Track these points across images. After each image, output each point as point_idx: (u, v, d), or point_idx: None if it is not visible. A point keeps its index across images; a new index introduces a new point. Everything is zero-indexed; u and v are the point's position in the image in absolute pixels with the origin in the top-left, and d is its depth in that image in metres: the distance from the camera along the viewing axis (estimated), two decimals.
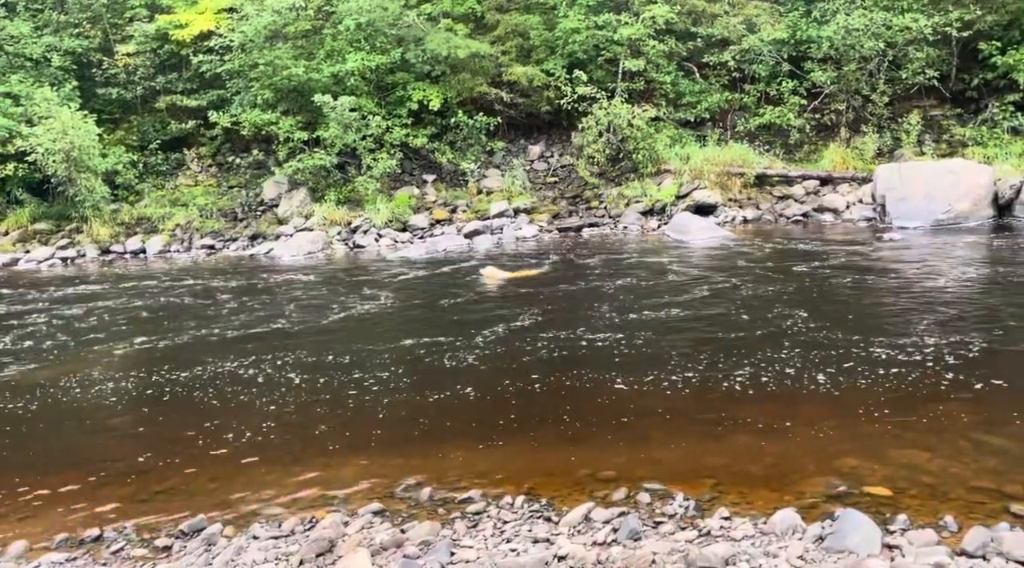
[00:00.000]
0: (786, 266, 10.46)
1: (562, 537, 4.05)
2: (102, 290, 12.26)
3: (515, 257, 13.15)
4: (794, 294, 8.83)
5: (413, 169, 18.31)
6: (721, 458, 4.94)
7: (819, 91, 17.15)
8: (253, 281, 12.29)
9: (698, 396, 5.98)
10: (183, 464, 5.40)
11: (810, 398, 5.76)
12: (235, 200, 18.06)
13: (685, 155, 16.51)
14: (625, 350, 7.15)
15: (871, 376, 6.01)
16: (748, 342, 7.10)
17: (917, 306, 7.99)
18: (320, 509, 4.61)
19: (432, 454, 5.33)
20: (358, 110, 16.71)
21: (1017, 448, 4.69)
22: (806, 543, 3.73)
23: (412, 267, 12.70)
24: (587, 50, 17.70)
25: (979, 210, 13.06)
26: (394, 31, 17.55)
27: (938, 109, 17.23)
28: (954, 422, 5.11)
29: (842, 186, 15.64)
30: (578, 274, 10.97)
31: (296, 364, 7.42)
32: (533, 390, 6.32)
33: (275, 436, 5.79)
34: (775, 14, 18.35)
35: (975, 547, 3.49)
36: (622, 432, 5.44)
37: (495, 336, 7.90)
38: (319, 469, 5.21)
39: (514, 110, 18.32)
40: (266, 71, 17.18)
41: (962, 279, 9.22)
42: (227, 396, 6.71)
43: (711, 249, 12.54)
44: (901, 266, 10.34)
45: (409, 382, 6.73)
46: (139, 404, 6.82)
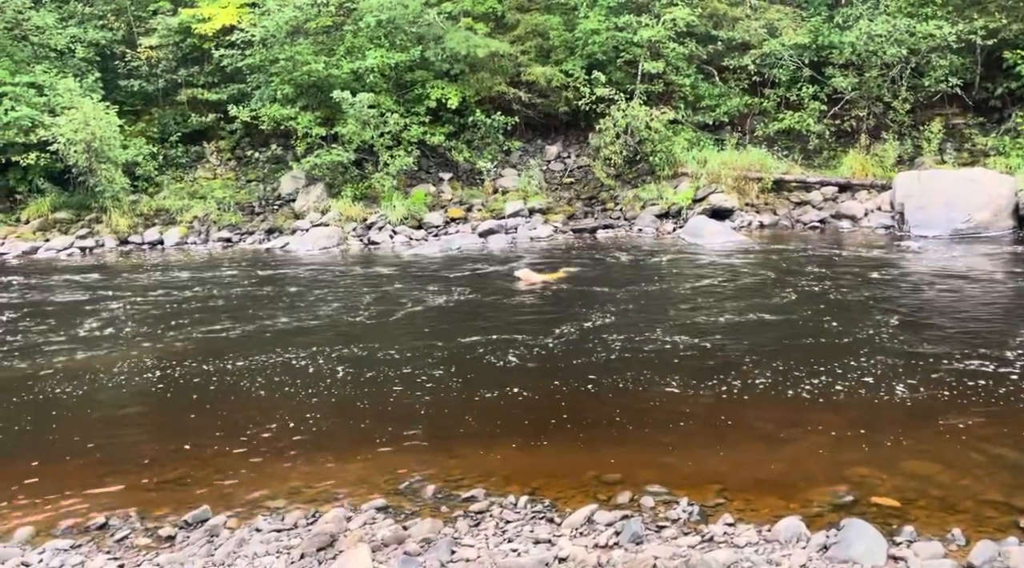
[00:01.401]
0: (800, 272, 10.37)
1: (564, 539, 4.03)
2: (119, 281, 12.37)
3: (533, 257, 13.13)
4: (807, 301, 8.75)
5: (430, 167, 18.33)
6: (728, 464, 4.90)
7: (840, 97, 16.99)
8: (268, 275, 12.35)
9: (708, 401, 5.94)
10: (191, 455, 5.43)
11: (822, 406, 5.70)
12: (253, 194, 18.16)
13: (702, 158, 16.42)
14: (638, 354, 7.12)
15: (885, 385, 5.94)
16: (761, 348, 7.05)
17: (934, 316, 7.90)
18: (324, 504, 4.62)
19: (438, 452, 5.33)
20: (376, 107, 16.75)
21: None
22: (810, 552, 3.69)
23: (426, 265, 12.72)
24: (606, 51, 17.64)
25: (999, 220, 12.89)
26: (414, 29, 17.58)
27: (960, 117, 17.03)
28: (968, 435, 5.04)
29: (861, 193, 15.50)
30: (595, 277, 10.93)
31: (308, 360, 7.44)
32: (543, 391, 6.31)
33: (283, 430, 5.80)
34: (797, 19, 18.22)
35: (982, 561, 3.44)
36: (629, 435, 5.41)
37: (509, 337, 7.88)
38: (325, 464, 5.22)
39: (532, 110, 18.30)
40: (286, 66, 17.26)
41: (980, 290, 9.10)
42: (237, 390, 6.75)
43: (726, 253, 12.46)
44: (918, 275, 10.22)
45: (419, 380, 6.73)
46: (150, 395, 6.87)
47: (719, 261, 11.86)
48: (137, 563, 4.02)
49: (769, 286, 9.65)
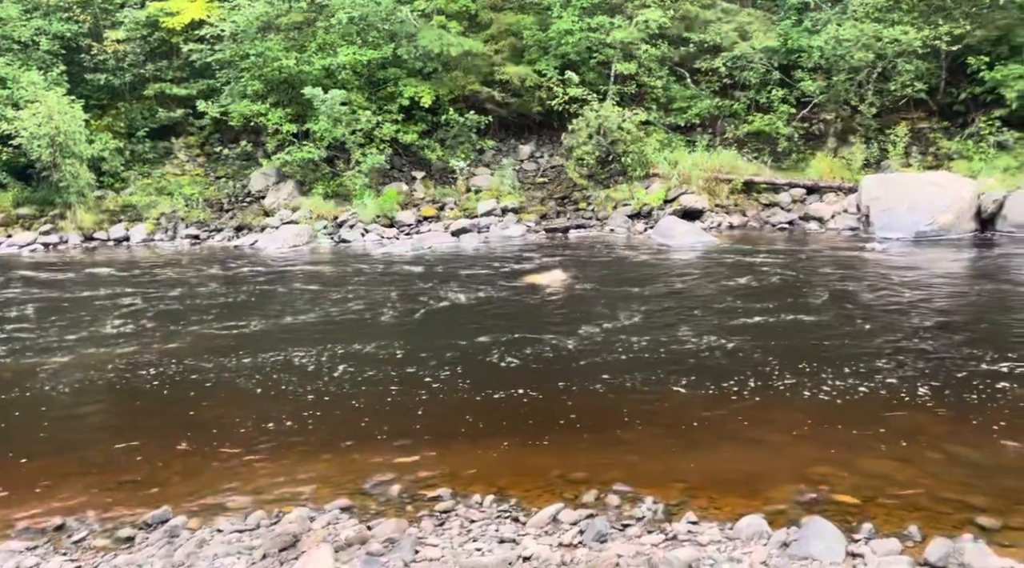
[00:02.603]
0: (767, 274, 10.49)
1: (528, 538, 4.03)
2: (83, 278, 12.15)
3: (509, 257, 13.13)
4: (772, 302, 8.85)
5: (402, 165, 18.26)
6: (693, 463, 4.94)
7: (808, 100, 17.22)
8: (237, 273, 12.21)
9: (675, 400, 5.98)
10: (151, 456, 5.35)
11: (786, 405, 5.77)
12: (222, 191, 17.95)
13: (674, 160, 16.53)
14: (606, 354, 7.14)
15: (847, 385, 6.03)
16: (726, 348, 7.11)
17: (895, 317, 8.03)
18: (288, 504, 4.58)
19: (405, 452, 5.30)
20: (348, 104, 16.64)
21: (987, 461, 4.71)
22: (771, 549, 3.73)
23: (397, 264, 12.66)
24: (580, 52, 17.71)
25: (962, 223, 13.15)
26: (387, 26, 17.49)
27: (925, 122, 17.35)
28: (927, 433, 5.13)
29: (828, 195, 15.72)
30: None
31: (276, 360, 7.36)
32: (511, 392, 6.30)
33: (249, 430, 5.74)
34: (767, 22, 18.44)
35: (937, 558, 3.50)
36: (596, 434, 5.43)
37: (477, 338, 7.87)
38: (290, 464, 5.17)
39: (505, 109, 18.31)
40: (256, 62, 17.09)
41: (941, 292, 9.27)
42: (203, 390, 6.66)
43: (695, 254, 12.57)
44: (880, 277, 10.39)
45: (388, 381, 6.70)
46: (113, 395, 6.76)
47: (689, 262, 11.96)
48: (94, 565, 3.95)
49: (736, 287, 9.75)
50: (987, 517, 3.98)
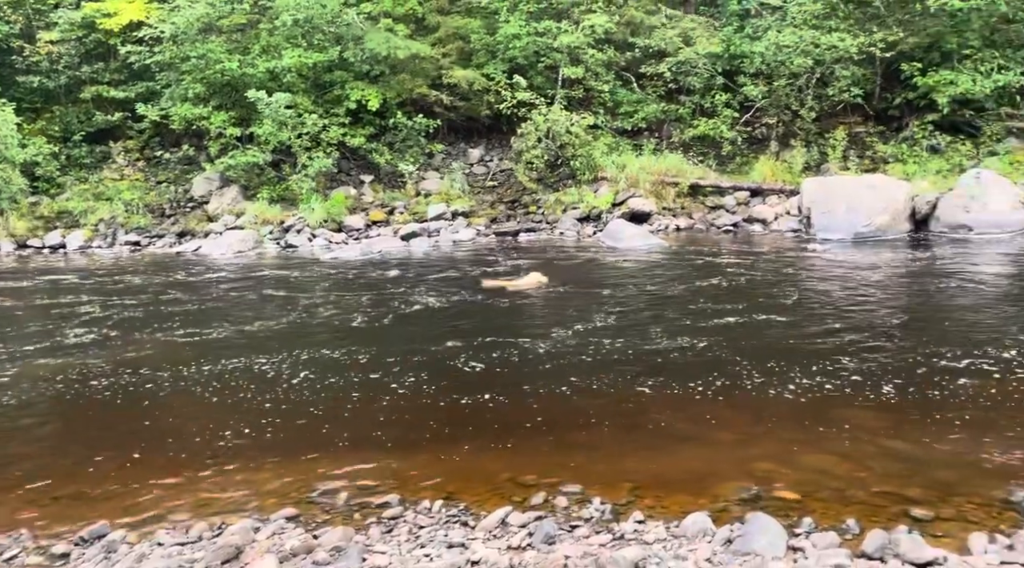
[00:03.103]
0: (712, 275, 10.68)
1: (477, 542, 4.02)
2: (15, 286, 11.72)
3: (461, 261, 13.10)
4: (716, 302, 9.02)
5: (350, 169, 18.09)
6: (641, 462, 4.99)
7: (751, 105, 17.62)
8: (180, 280, 11.93)
9: (623, 401, 6.04)
10: (88, 469, 5.18)
11: (729, 404, 5.87)
12: (163, 196, 17.53)
13: (622, 163, 16.73)
14: (554, 357, 7.18)
15: (788, 382, 6.17)
16: (672, 349, 7.21)
17: (835, 316, 8.25)
18: (231, 515, 4.48)
19: (353, 459, 5.24)
20: (294, 107, 16.43)
21: (921, 453, 4.87)
22: (715, 546, 3.79)
23: (346, 268, 12.52)
24: (527, 56, 17.81)
25: (897, 224, 13.59)
26: (332, 29, 17.32)
27: (862, 126, 17.91)
28: (864, 428, 5.27)
29: (771, 198, 16.09)
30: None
31: (219, 369, 7.21)
32: (462, 396, 6.28)
33: (191, 441, 5.60)
34: (710, 28, 18.81)
35: (873, 549, 3.60)
36: (546, 437, 5.45)
37: (427, 343, 7.83)
38: (236, 474, 5.06)
39: (454, 113, 18.30)
40: (198, 64, 16.74)
41: (879, 291, 9.57)
42: (142, 401, 6.48)
43: (644, 257, 12.73)
44: (820, 276, 10.67)
45: (335, 388, 6.61)
46: (51, 408, 6.52)
47: (639, 265, 12.10)
48: None
49: (682, 289, 9.90)
50: (921, 509, 4.11)
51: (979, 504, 4.17)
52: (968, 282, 9.74)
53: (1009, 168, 15.43)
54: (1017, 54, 16.31)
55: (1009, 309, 8.33)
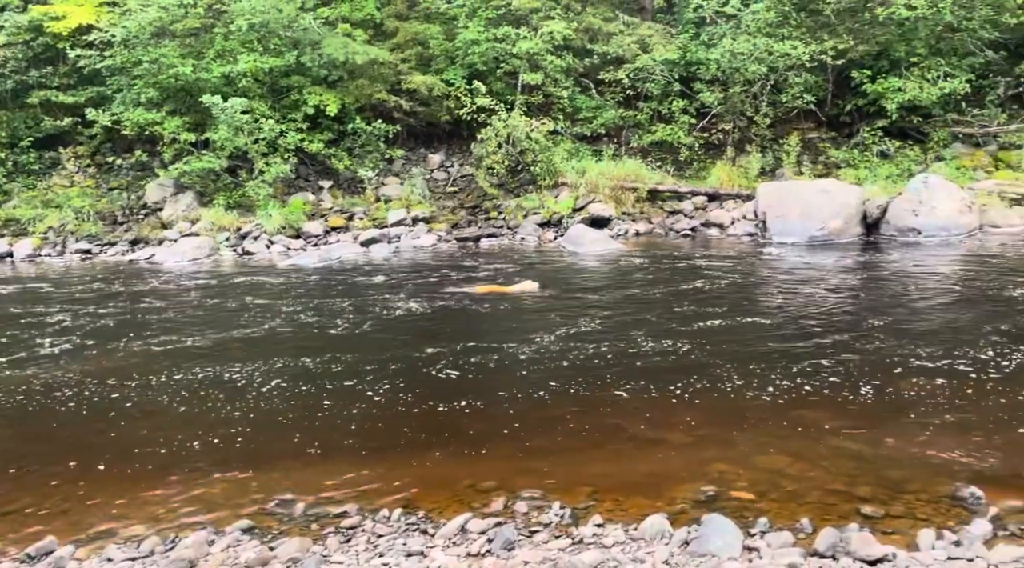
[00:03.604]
0: (670, 279, 10.81)
1: (436, 550, 4.00)
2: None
3: (423, 267, 13.04)
4: (674, 305, 9.12)
5: (309, 175, 17.90)
6: (600, 466, 5.02)
7: (707, 111, 17.88)
8: (133, 288, 11.67)
9: (582, 406, 6.06)
10: (39, 483, 5.04)
11: (686, 406, 5.94)
12: (115, 203, 17.14)
13: (581, 169, 16.84)
14: (512, 364, 7.18)
15: (747, 385, 6.26)
16: (630, 352, 7.27)
17: (787, 318, 8.41)
18: (185, 528, 4.40)
19: (311, 469, 5.18)
20: (250, 113, 16.20)
21: (871, 452, 4.98)
22: (672, 548, 3.83)
23: (304, 275, 12.38)
24: (487, 62, 17.84)
25: (850, 228, 13.90)
26: (289, 34, 17.14)
27: (815, 132, 18.31)
28: (816, 428, 5.38)
29: (728, 203, 16.33)
30: (463, 285, 10.97)
31: (172, 379, 7.07)
32: (420, 404, 6.25)
33: (144, 452, 5.48)
34: (667, 35, 19.05)
35: (826, 547, 3.68)
36: (508, 443, 5.44)
37: (386, 350, 7.78)
38: (189, 486, 4.97)
39: (414, 118, 18.24)
40: (150, 69, 16.42)
41: (832, 293, 9.77)
42: (90, 412, 6.32)
43: (603, 261, 12.82)
44: (775, 280, 10.87)
45: (292, 397, 6.53)
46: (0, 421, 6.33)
47: (598, 269, 12.18)
48: None
49: (641, 292, 9.99)
50: (871, 506, 4.20)
51: (927, 501, 4.28)
52: (918, 285, 10.00)
53: (956, 173, 15.91)
54: (962, 62, 16.83)
55: (957, 311, 8.57)
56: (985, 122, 17.12)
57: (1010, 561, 3.59)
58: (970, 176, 15.97)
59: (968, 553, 3.66)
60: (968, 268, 11.13)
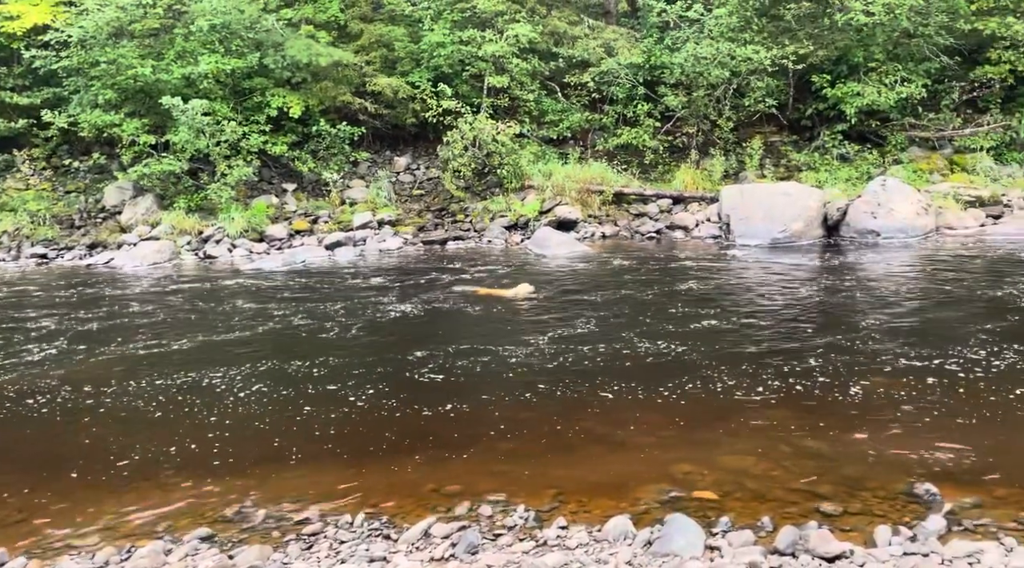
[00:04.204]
0: (636, 281, 10.88)
1: (399, 555, 3.97)
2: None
3: (389, 270, 12.95)
4: (639, 307, 9.18)
5: (272, 177, 17.68)
6: (565, 468, 5.02)
7: (672, 115, 18.04)
8: (89, 293, 11.41)
9: (545, 408, 6.07)
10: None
11: (650, 407, 5.97)
12: (72, 206, 16.75)
13: (548, 172, 16.87)
14: (475, 367, 7.16)
15: (706, 385, 6.32)
16: (593, 354, 7.29)
17: (750, 319, 8.51)
18: (142, 538, 4.31)
19: (272, 475, 5.11)
20: (212, 114, 15.95)
21: (830, 451, 5.05)
22: (635, 548, 3.85)
23: (267, 280, 12.22)
24: (452, 64, 17.80)
25: (811, 230, 14.12)
26: (251, 35, 16.91)
27: (777, 135, 18.57)
28: (778, 428, 5.45)
29: (692, 205, 16.48)
30: (427, 290, 10.93)
31: (129, 385, 6.92)
32: (385, 409, 6.21)
33: (100, 461, 5.37)
34: (631, 39, 19.19)
35: (785, 545, 3.72)
36: (471, 447, 5.42)
37: (351, 355, 7.71)
38: (146, 494, 4.87)
39: (379, 121, 18.12)
40: (108, 70, 16.08)
41: (794, 294, 9.91)
42: (44, 421, 6.17)
43: (569, 264, 12.86)
44: (739, 282, 11.00)
45: (253, 403, 6.43)
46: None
47: (564, 272, 12.21)
48: None
49: (607, 296, 10.03)
50: (830, 504, 4.26)
51: (884, 498, 4.35)
52: (878, 286, 10.19)
53: (913, 176, 16.26)
54: (918, 67, 17.22)
55: (915, 311, 8.74)
56: (941, 126, 17.54)
57: (963, 556, 3.66)
58: (926, 179, 16.34)
59: (923, 549, 3.73)
60: (925, 269, 11.37)
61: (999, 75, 17.12)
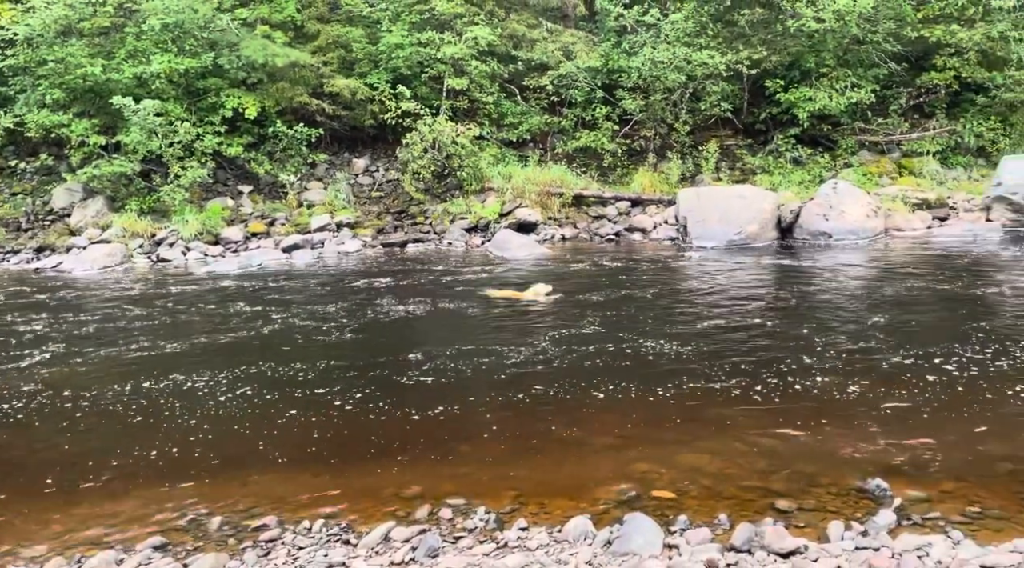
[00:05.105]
0: (594, 282, 10.95)
1: (359, 560, 3.94)
2: None
3: (349, 273, 12.82)
4: (597, 308, 9.25)
5: (227, 179, 17.40)
6: (526, 470, 5.03)
7: (630, 118, 18.23)
8: (36, 298, 11.09)
9: (508, 411, 6.07)
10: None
11: (608, 408, 6.02)
12: (19, 208, 16.26)
13: (508, 174, 16.91)
14: (435, 371, 7.14)
15: (663, 384, 6.39)
16: (552, 355, 7.33)
17: (704, 319, 8.63)
18: (93, 547, 4.20)
19: (229, 481, 5.03)
20: (164, 115, 15.64)
21: (783, 448, 5.15)
22: (595, 548, 3.87)
23: (222, 282, 12.02)
24: (411, 66, 17.72)
25: (765, 232, 14.38)
26: (206, 34, 16.62)
27: (732, 139, 18.90)
28: (732, 426, 5.53)
29: (650, 208, 16.67)
30: (390, 293, 10.87)
31: (77, 392, 6.75)
32: (344, 412, 6.15)
33: (48, 469, 5.22)
34: (590, 43, 19.34)
35: (741, 542, 3.78)
36: (430, 450, 5.40)
37: (310, 359, 7.62)
38: (98, 502, 4.76)
39: (337, 122, 17.95)
40: (56, 69, 15.66)
41: (747, 295, 10.09)
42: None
43: (531, 265, 12.90)
44: (697, 283, 11.15)
45: (207, 408, 6.32)
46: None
47: (524, 274, 12.24)
48: None
49: (566, 297, 10.08)
50: (785, 501, 4.35)
51: (837, 494, 4.45)
52: (830, 286, 10.43)
53: (863, 179, 16.69)
54: (868, 73, 17.68)
55: (866, 310, 8.96)
56: (889, 130, 18.04)
57: (912, 549, 3.77)
58: (876, 182, 16.78)
59: (874, 543, 3.82)
60: (875, 270, 11.66)
61: (944, 81, 17.66)
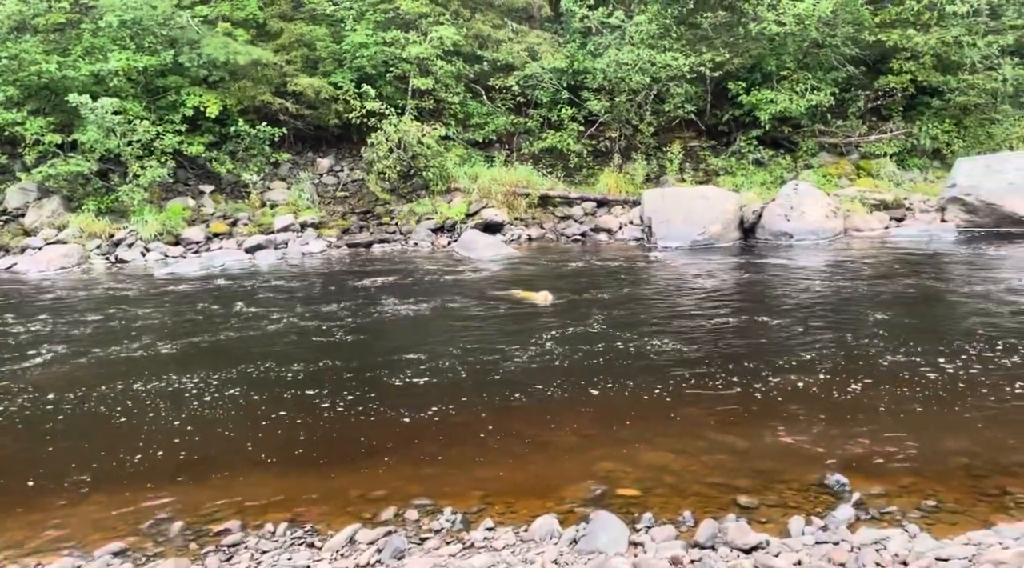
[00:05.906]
0: (560, 283, 10.99)
1: (323, 563, 3.91)
2: None
3: (310, 273, 12.69)
4: (563, 309, 9.29)
5: (188, 179, 17.12)
6: (492, 470, 5.03)
7: (595, 119, 18.34)
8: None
9: (475, 412, 6.06)
10: None
11: (573, 408, 6.04)
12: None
13: (474, 174, 16.90)
14: (402, 371, 7.11)
15: (626, 383, 6.44)
16: (515, 354, 7.34)
17: (667, 318, 8.72)
18: (49, 554, 4.10)
19: (191, 485, 4.95)
20: (123, 113, 15.34)
21: (745, 445, 5.23)
22: (561, 547, 3.89)
23: (182, 284, 11.82)
24: (376, 66, 17.62)
25: (728, 232, 14.57)
26: (165, 31, 16.33)
27: (696, 140, 19.12)
28: (696, 424, 5.60)
29: (616, 208, 16.78)
30: (351, 295, 10.79)
31: (34, 396, 6.58)
32: (308, 414, 6.09)
33: (6, 474, 5.08)
34: (555, 44, 19.41)
35: (705, 538, 3.83)
36: (398, 452, 5.37)
37: (266, 362, 7.53)
38: (54, 509, 4.65)
39: (301, 121, 17.77)
40: (10, 66, 15.26)
41: (710, 294, 10.21)
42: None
43: (497, 266, 12.90)
44: (661, 283, 11.25)
45: (169, 411, 6.21)
46: None
47: (490, 274, 12.24)
48: None
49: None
50: (747, 497, 4.41)
51: (798, 490, 4.53)
52: (791, 285, 10.60)
53: (823, 180, 17.00)
54: (827, 76, 18.01)
55: (825, 308, 9.13)
56: (848, 133, 18.40)
57: (871, 543, 3.85)
58: (835, 183, 17.11)
59: (834, 537, 3.90)
60: (834, 269, 11.88)
61: (901, 84, 18.06)
